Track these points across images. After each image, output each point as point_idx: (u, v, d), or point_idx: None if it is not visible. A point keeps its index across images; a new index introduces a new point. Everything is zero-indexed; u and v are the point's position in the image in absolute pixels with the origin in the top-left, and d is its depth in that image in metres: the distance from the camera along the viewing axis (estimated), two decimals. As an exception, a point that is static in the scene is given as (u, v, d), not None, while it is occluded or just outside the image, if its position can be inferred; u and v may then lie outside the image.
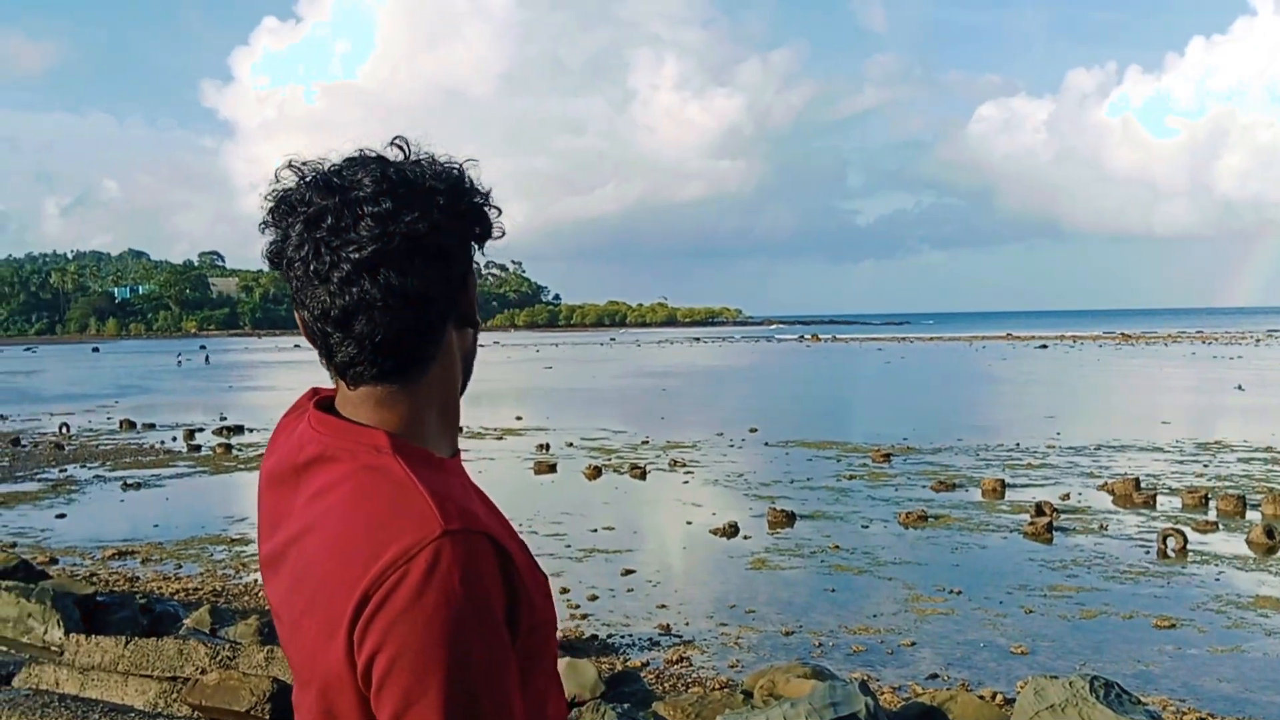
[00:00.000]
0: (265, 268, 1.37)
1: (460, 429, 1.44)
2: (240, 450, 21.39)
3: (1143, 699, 6.83)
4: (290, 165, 1.31)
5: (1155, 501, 14.37)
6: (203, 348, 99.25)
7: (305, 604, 1.26)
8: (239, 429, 25.10)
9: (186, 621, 8.25)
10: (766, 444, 21.55)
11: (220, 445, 21.97)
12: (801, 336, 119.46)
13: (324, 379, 1.39)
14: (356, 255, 1.24)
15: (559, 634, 7.67)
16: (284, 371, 56.06)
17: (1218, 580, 10.44)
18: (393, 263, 1.24)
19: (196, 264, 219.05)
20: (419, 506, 1.22)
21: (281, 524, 1.34)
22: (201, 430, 25.25)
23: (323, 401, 1.39)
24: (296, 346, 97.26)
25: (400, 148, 1.32)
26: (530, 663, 1.29)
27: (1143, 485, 15.05)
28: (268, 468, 1.41)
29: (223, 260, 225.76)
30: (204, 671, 6.12)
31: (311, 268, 1.26)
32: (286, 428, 1.42)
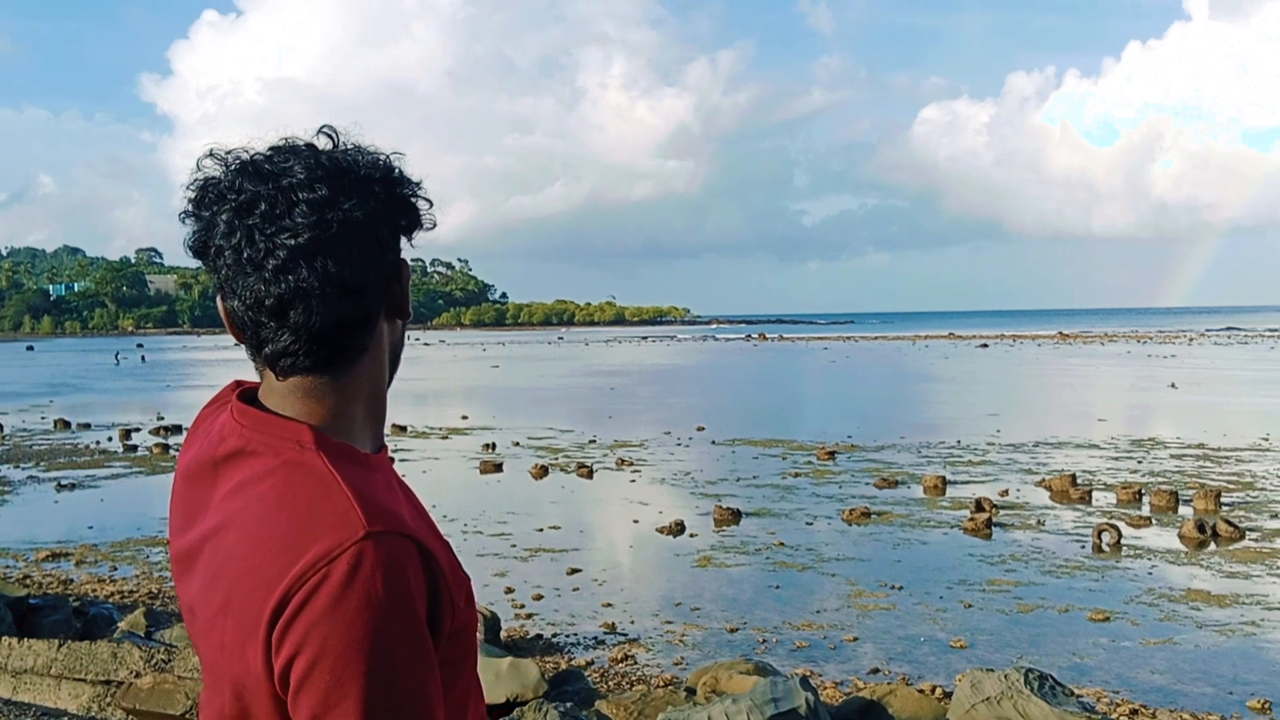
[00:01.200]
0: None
1: (393, 425, 1.44)
2: (178, 450, 20.89)
3: (1077, 690, 6.98)
4: (212, 153, 1.28)
5: (1091, 497, 14.65)
6: (140, 346, 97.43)
7: (221, 602, 1.23)
8: (176, 429, 24.71)
9: (121, 624, 8.11)
10: (713, 442, 21.65)
11: (157, 445, 21.63)
12: (749, 336, 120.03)
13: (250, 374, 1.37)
14: (292, 242, 1.21)
15: (503, 633, 7.61)
16: (223, 370, 55.26)
17: (1150, 574, 10.67)
18: (330, 250, 1.22)
19: (134, 261, 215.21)
20: (341, 506, 1.20)
21: (197, 519, 1.31)
22: (138, 430, 24.83)
23: (246, 393, 1.36)
24: (237, 345, 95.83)
25: (329, 136, 1.31)
26: (452, 668, 1.27)
27: (1079, 481, 15.34)
28: (184, 462, 1.38)
29: (161, 257, 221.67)
30: (139, 675, 6.03)
31: (244, 255, 1.22)
32: (205, 420, 1.39)
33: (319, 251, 1.22)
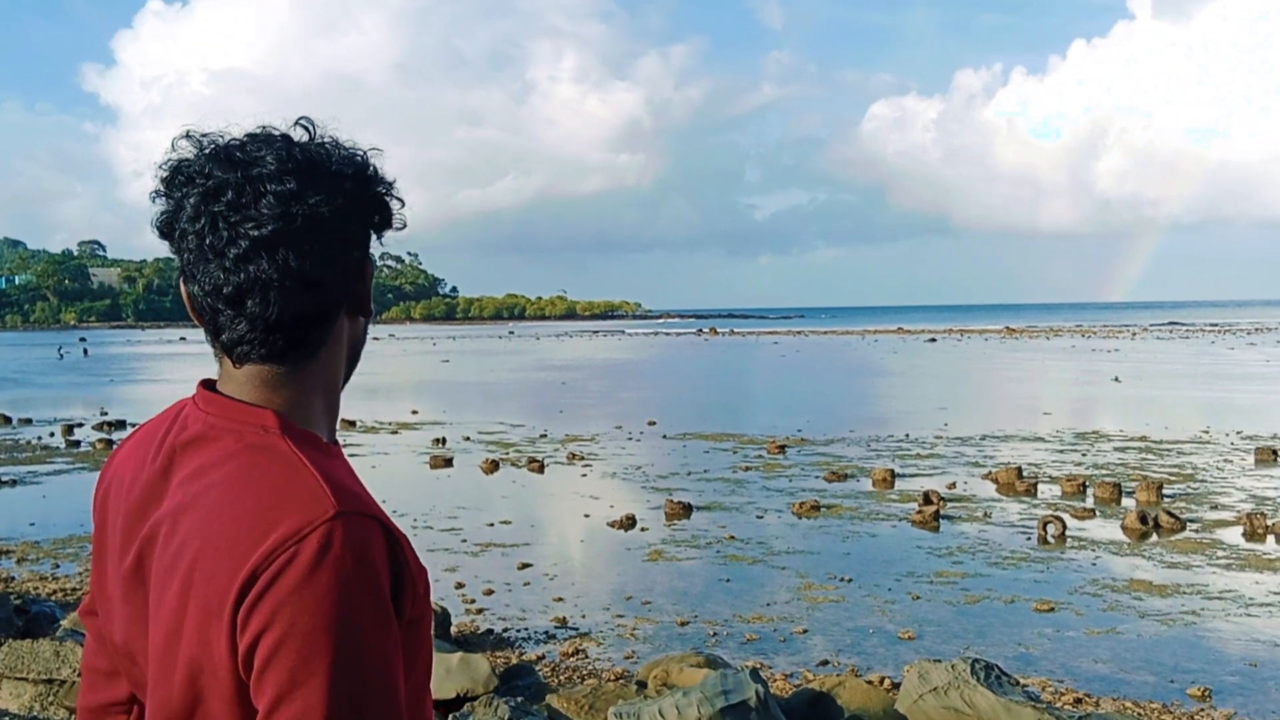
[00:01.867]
0: (150, 257, 1.35)
1: (343, 420, 1.43)
2: (123, 438, 20.70)
3: (1022, 680, 7.08)
4: (189, 135, 1.27)
5: (1036, 489, 14.86)
6: (83, 340, 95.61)
7: (181, 584, 1.21)
8: (120, 424, 24.29)
9: (64, 623, 7.96)
10: (665, 436, 21.69)
11: (101, 441, 21.26)
12: (700, 330, 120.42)
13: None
14: (255, 233, 1.21)
15: (454, 628, 7.55)
16: (168, 364, 54.46)
17: (1094, 565, 10.85)
18: (292, 244, 1.22)
19: (76, 254, 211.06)
20: (310, 485, 1.20)
21: (150, 505, 1.29)
22: (81, 425, 24.39)
23: (206, 382, 1.36)
24: (182, 339, 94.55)
25: (305, 128, 1.30)
26: (410, 657, 1.26)
27: (1025, 474, 15.55)
28: (123, 473, 1.37)
29: (104, 250, 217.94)
30: (81, 674, 5.92)
31: (207, 241, 1.23)
32: (149, 433, 1.38)
33: (281, 244, 1.22)
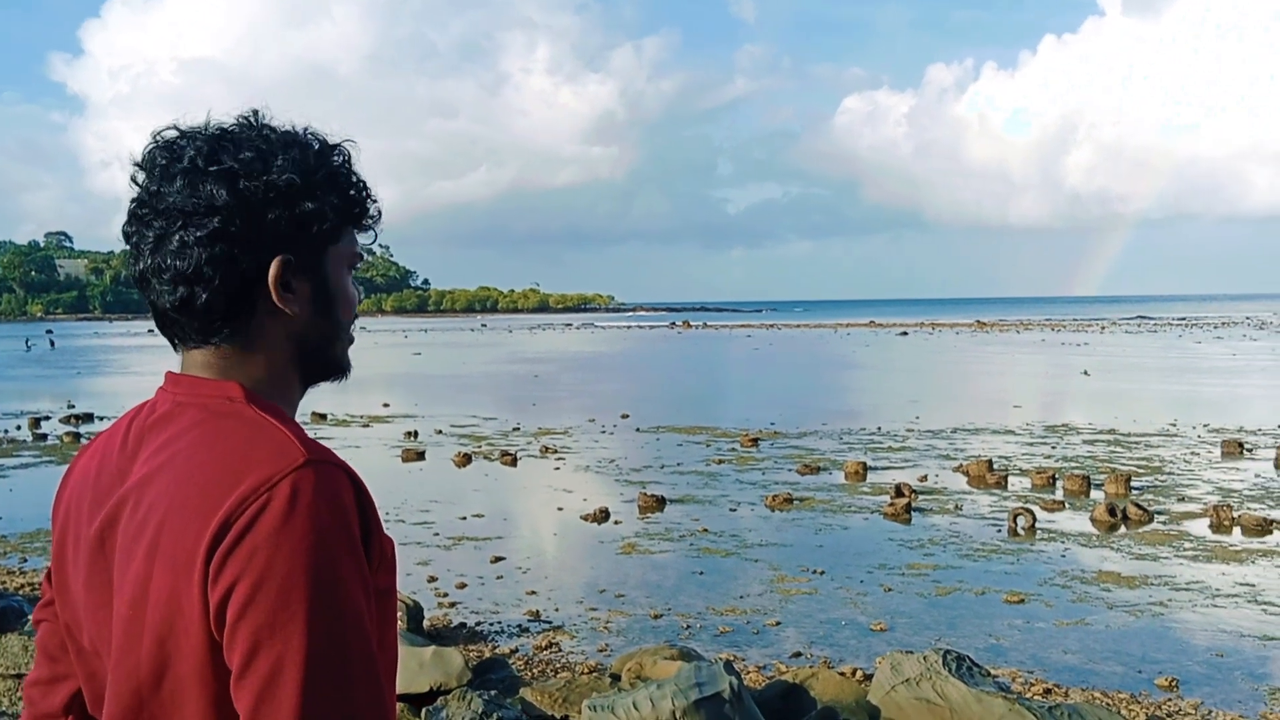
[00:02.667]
0: (118, 248, 1.37)
1: (313, 413, 1.43)
2: (90, 439, 20.48)
3: (993, 671, 7.13)
4: (175, 127, 1.33)
5: (1006, 482, 14.97)
6: (49, 332, 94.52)
7: (147, 548, 1.20)
8: (88, 417, 24.01)
9: (32, 617, 7.88)
10: (638, 430, 21.69)
11: (68, 434, 20.98)
12: (673, 323, 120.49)
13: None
14: (171, 213, 1.27)
15: (426, 622, 7.50)
16: (136, 356, 53.96)
17: (1064, 557, 10.94)
18: (202, 226, 1.26)
19: (43, 245, 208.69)
20: (278, 439, 1.22)
21: (116, 487, 1.30)
22: (48, 418, 24.07)
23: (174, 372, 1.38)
24: (150, 332, 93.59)
25: (247, 120, 1.33)
26: (378, 628, 1.25)
27: (995, 466, 15.66)
28: (89, 466, 1.38)
29: (71, 241, 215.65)
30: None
31: (139, 221, 1.30)
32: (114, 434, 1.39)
33: (161, 242, 1.28)
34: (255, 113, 1.34)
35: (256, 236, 1.30)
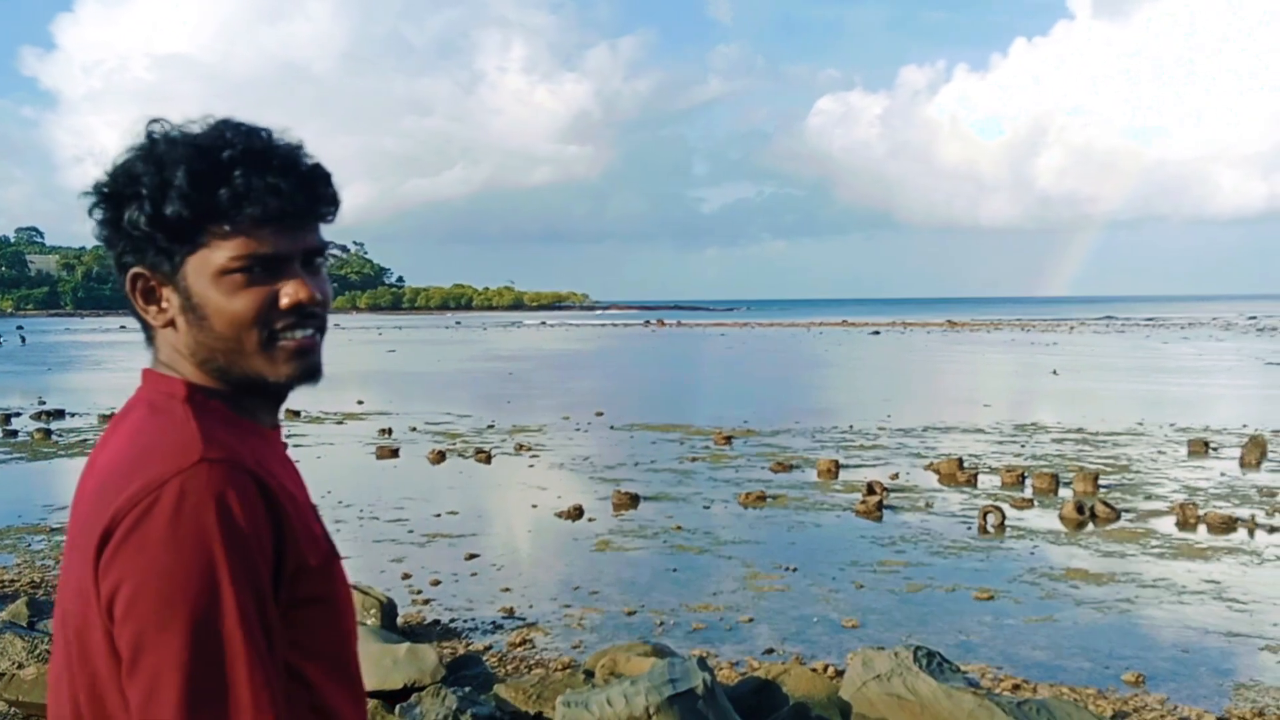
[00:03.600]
0: (90, 244, 1.40)
1: (287, 411, 1.44)
2: (61, 436, 20.31)
3: (963, 667, 7.21)
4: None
5: (977, 480, 15.10)
6: (20, 328, 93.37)
7: (70, 543, 1.23)
8: (59, 413, 23.80)
9: (2, 615, 7.81)
10: (612, 427, 21.71)
11: (39, 430, 20.77)
12: (647, 321, 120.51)
13: (149, 359, 1.39)
14: (97, 211, 1.31)
15: (400, 619, 7.46)
16: (108, 352, 53.43)
17: (1032, 554, 11.06)
18: (107, 208, 1.30)
19: (13, 240, 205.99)
20: (185, 438, 1.20)
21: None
22: (18, 415, 23.81)
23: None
24: (122, 328, 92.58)
25: (150, 123, 1.32)
26: (310, 637, 1.24)
27: (965, 465, 15.79)
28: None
29: (42, 236, 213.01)
30: (21, 666, 5.84)
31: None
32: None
33: (101, 206, 1.31)
34: (149, 120, 1.30)
35: (119, 242, 1.32)
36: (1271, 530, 11.87)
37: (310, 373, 1.36)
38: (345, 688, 1.32)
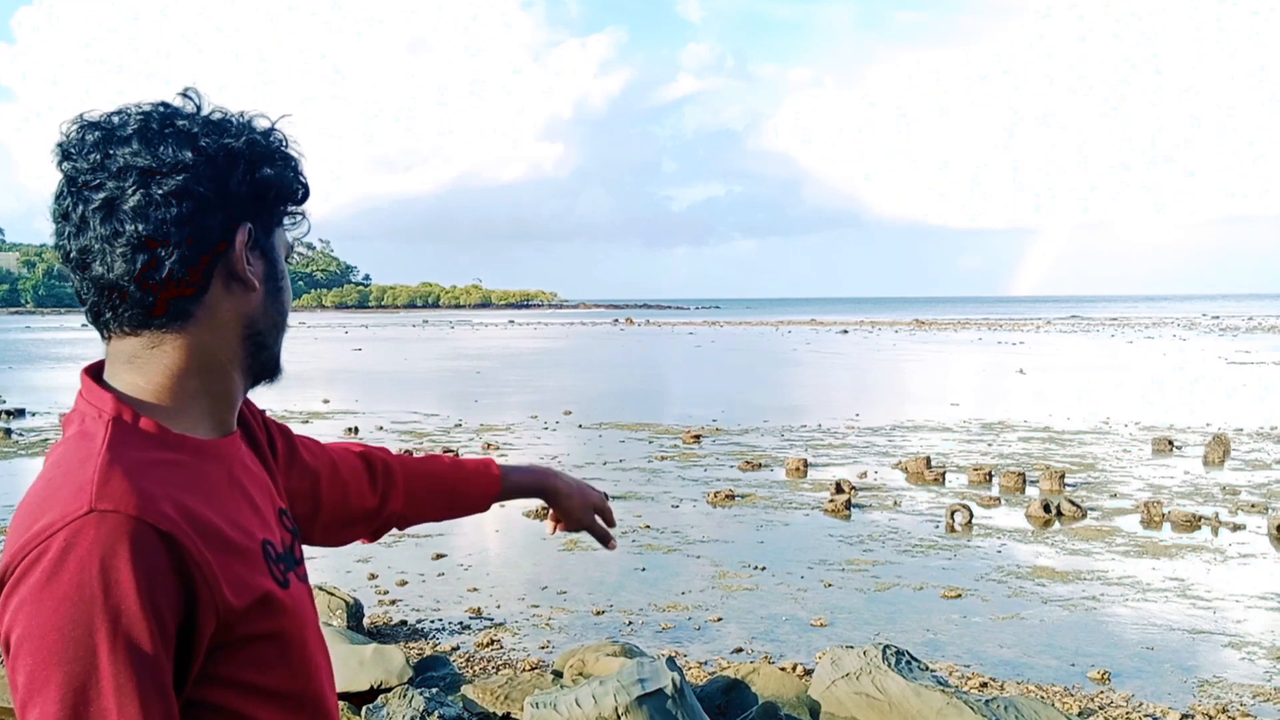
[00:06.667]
0: (52, 241, 1.31)
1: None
2: (21, 435, 20.00)
3: (931, 665, 7.22)
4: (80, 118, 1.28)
5: (944, 479, 15.17)
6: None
7: None
8: (19, 413, 23.44)
9: None
10: (580, 426, 21.65)
11: (-2, 430, 20.50)
12: (616, 320, 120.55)
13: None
14: (98, 196, 1.21)
15: (367, 620, 7.39)
16: (69, 350, 52.74)
17: (1000, 552, 11.11)
18: (128, 203, 1.21)
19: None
20: (83, 480, 1.14)
21: None
22: (-24, 414, 23.49)
23: (91, 366, 1.33)
24: (84, 326, 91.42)
25: (189, 97, 1.28)
26: (248, 672, 1.21)
27: (933, 463, 15.86)
28: None
29: (2, 234, 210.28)
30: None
31: (64, 208, 1.24)
32: None
33: (118, 203, 1.21)
34: (193, 89, 1.28)
35: (220, 200, 1.25)
36: (1235, 528, 12.00)
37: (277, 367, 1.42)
38: (310, 712, 1.29)
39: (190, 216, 1.23)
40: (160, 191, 1.21)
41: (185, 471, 1.23)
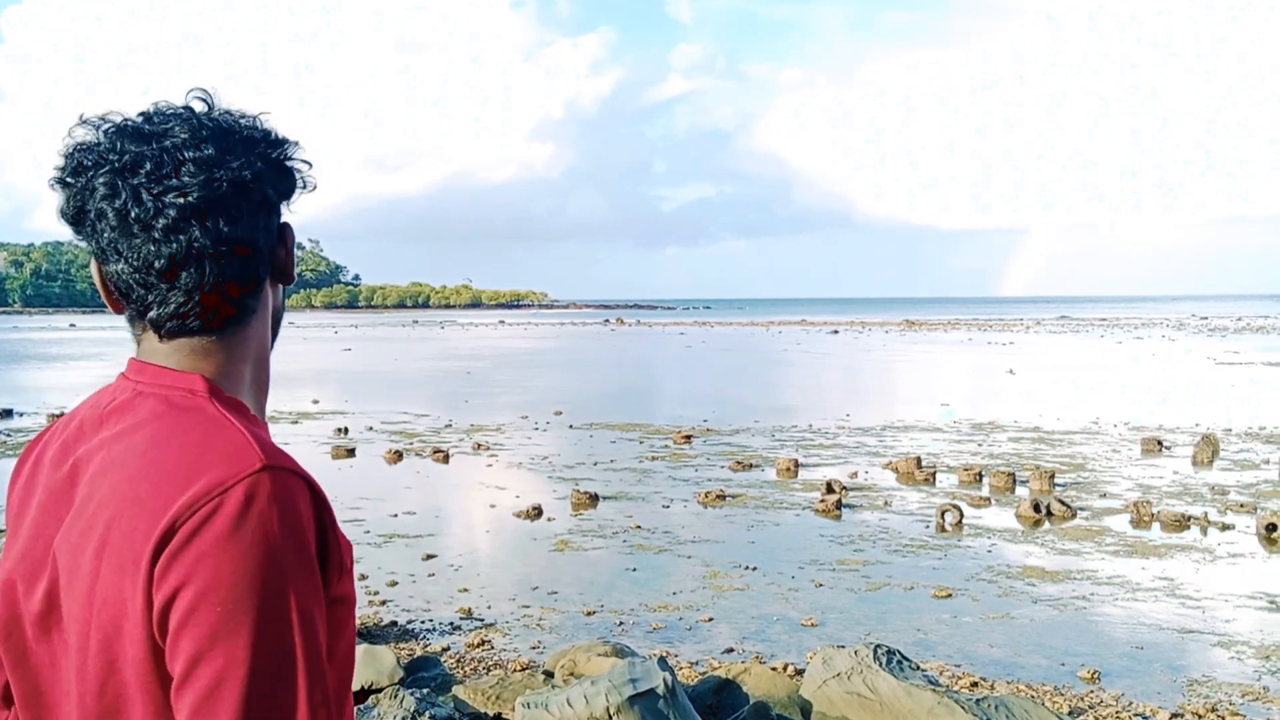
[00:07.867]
0: (39, 240, 1.32)
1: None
2: (9, 435, 19.94)
3: (922, 665, 7.23)
4: (83, 120, 1.25)
5: (935, 479, 15.20)
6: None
7: (98, 543, 1.16)
8: (7, 413, 23.34)
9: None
10: (571, 426, 21.64)
11: (-15, 430, 20.42)
12: (607, 320, 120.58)
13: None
14: (182, 201, 1.20)
15: (358, 621, 7.38)
16: (57, 350, 52.52)
17: (990, 552, 11.14)
18: (221, 210, 1.22)
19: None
20: (237, 441, 1.18)
21: (77, 475, 1.25)
22: (-37, 414, 23.39)
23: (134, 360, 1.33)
24: (72, 326, 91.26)
25: (203, 99, 1.29)
26: (334, 635, 1.23)
27: (924, 464, 15.89)
28: (43, 456, 1.33)
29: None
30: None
31: (131, 216, 1.20)
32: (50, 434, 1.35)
33: (210, 210, 1.21)
34: (204, 91, 1.30)
35: (278, 202, 1.31)
36: (1224, 528, 12.05)
37: None
38: (349, 688, 1.31)
39: (269, 221, 1.29)
40: (251, 198, 1.25)
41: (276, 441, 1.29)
